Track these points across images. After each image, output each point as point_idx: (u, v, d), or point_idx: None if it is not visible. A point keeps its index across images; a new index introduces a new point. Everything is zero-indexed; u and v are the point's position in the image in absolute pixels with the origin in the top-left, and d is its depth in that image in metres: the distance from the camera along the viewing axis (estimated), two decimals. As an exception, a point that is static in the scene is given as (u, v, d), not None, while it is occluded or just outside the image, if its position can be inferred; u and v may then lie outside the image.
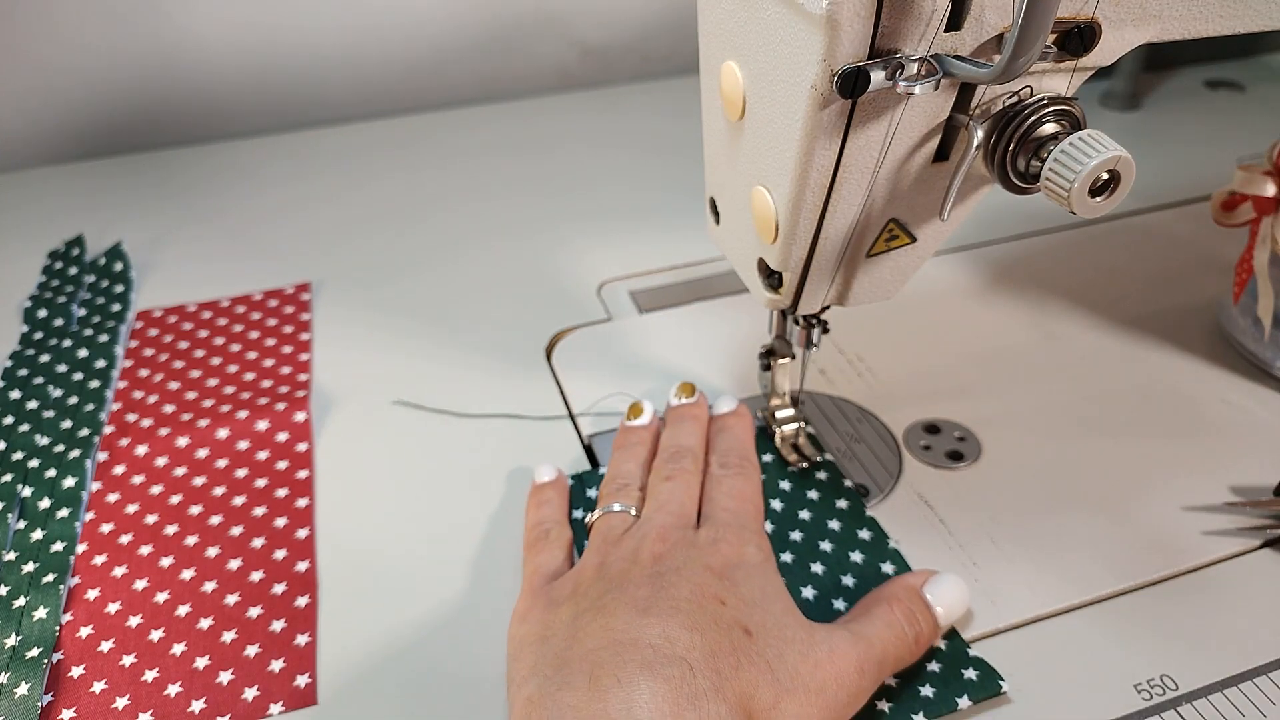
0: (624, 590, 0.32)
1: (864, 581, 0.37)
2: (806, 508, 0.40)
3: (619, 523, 0.36)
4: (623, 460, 0.40)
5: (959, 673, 0.33)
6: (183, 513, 0.41)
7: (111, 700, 0.34)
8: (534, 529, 0.38)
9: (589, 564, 0.34)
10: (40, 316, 0.53)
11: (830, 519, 0.39)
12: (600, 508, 0.37)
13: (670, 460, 0.39)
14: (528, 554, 0.37)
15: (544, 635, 0.32)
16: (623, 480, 0.38)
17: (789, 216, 0.31)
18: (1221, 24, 0.31)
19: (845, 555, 0.38)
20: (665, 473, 0.38)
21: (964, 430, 0.44)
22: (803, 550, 0.38)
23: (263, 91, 0.74)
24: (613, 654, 0.29)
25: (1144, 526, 0.39)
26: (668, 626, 0.30)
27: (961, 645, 0.34)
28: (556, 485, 0.40)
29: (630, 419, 0.42)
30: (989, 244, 0.57)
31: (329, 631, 0.36)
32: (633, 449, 0.40)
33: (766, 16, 0.29)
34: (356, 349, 0.51)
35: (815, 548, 0.38)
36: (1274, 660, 0.34)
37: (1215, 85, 0.77)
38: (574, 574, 0.34)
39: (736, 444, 0.40)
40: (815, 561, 0.38)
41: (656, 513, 0.36)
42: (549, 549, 0.37)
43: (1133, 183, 0.27)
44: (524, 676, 0.31)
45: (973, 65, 0.26)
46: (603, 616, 0.31)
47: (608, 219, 0.61)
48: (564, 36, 0.79)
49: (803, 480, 0.41)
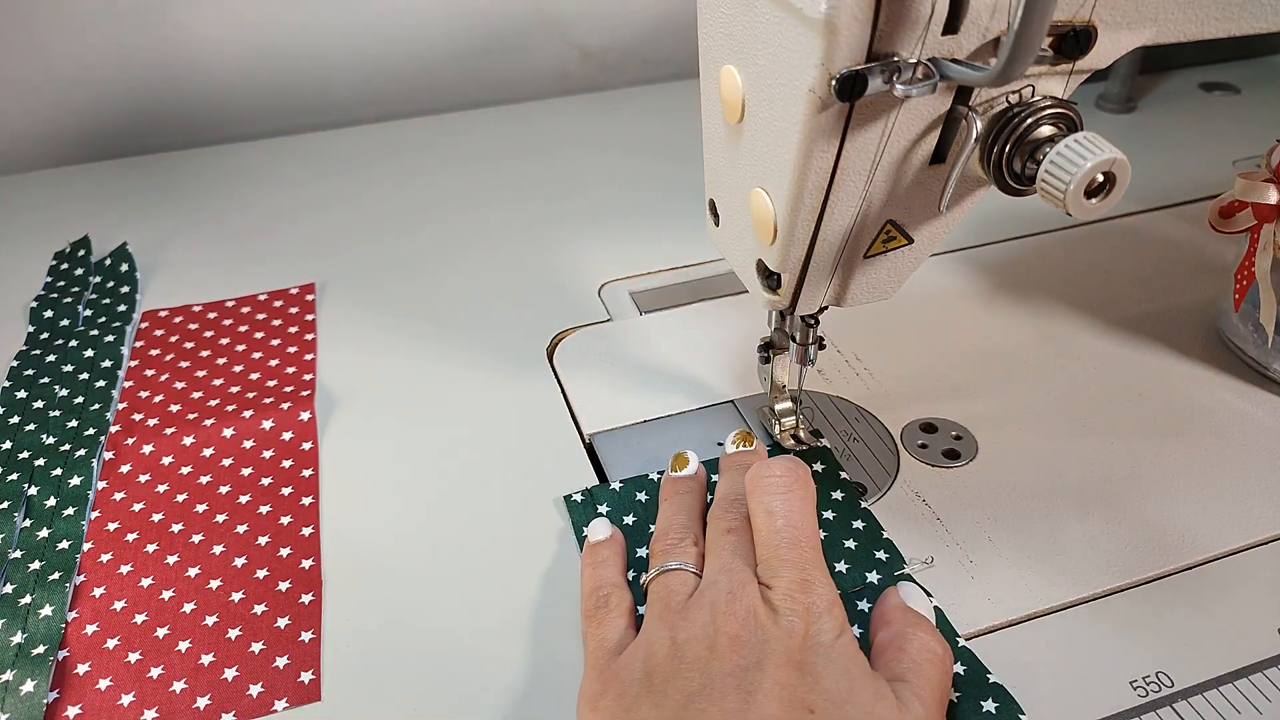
0: (710, 699, 0.29)
1: (855, 568, 0.37)
2: (843, 559, 0.39)
3: (679, 584, 0.34)
4: (673, 513, 0.38)
5: (978, 705, 0.33)
6: (188, 510, 0.41)
7: (117, 697, 0.34)
8: (592, 595, 0.36)
9: (658, 639, 0.32)
10: (46, 317, 0.53)
11: (825, 509, 0.40)
12: (655, 566, 0.35)
13: (728, 509, 0.36)
14: (589, 625, 0.35)
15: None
16: (676, 534, 0.36)
17: (787, 218, 0.32)
18: (1217, 26, 0.31)
19: (839, 543, 0.38)
20: (725, 523, 0.36)
21: (961, 429, 0.44)
22: None
23: (267, 95, 0.75)
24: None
25: (1139, 524, 0.40)
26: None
27: (982, 671, 0.34)
28: (612, 544, 0.38)
29: (675, 470, 0.40)
30: (985, 245, 0.58)
31: (333, 628, 0.37)
32: (680, 499, 0.38)
33: (765, 20, 0.29)
34: (360, 349, 0.51)
35: (852, 607, 0.37)
36: (1269, 657, 0.34)
37: (1210, 87, 0.77)
38: (643, 650, 0.32)
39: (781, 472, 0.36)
40: (853, 626, 0.37)
41: (720, 574, 0.33)
42: (611, 619, 0.34)
43: (1128, 185, 0.28)
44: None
45: (970, 68, 0.27)
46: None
47: (608, 220, 0.62)
48: (565, 40, 0.80)
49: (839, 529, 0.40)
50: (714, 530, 0.36)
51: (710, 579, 0.34)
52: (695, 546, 0.36)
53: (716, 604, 0.32)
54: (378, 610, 0.37)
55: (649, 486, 0.41)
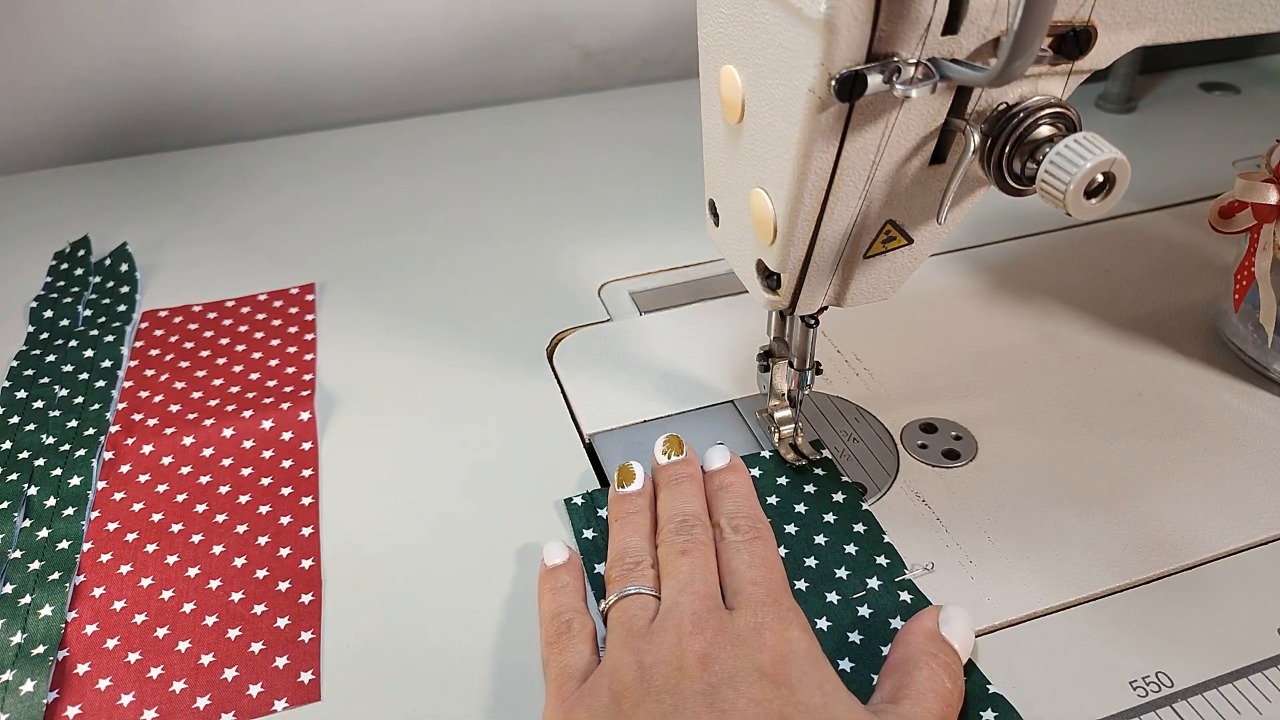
0: (680, 716, 0.29)
1: (856, 574, 0.37)
2: (803, 501, 0.40)
3: (640, 609, 0.34)
4: (625, 534, 0.37)
5: (978, 714, 0.33)
6: (188, 510, 0.41)
7: (117, 697, 0.34)
8: (553, 621, 0.35)
9: (624, 664, 0.31)
10: (46, 317, 0.53)
11: (826, 512, 0.40)
12: (614, 592, 0.35)
13: (679, 530, 0.36)
14: (549, 651, 0.34)
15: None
16: (632, 558, 0.36)
17: (787, 218, 0.32)
18: (1216, 26, 0.31)
19: (839, 548, 0.38)
20: (678, 546, 0.35)
21: (960, 429, 0.44)
22: (798, 544, 0.38)
23: (267, 95, 0.75)
24: None
25: (1139, 525, 0.40)
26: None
27: (981, 681, 0.34)
28: (570, 567, 0.37)
29: (622, 485, 0.39)
30: (985, 245, 0.58)
31: (333, 628, 0.37)
32: (631, 519, 0.38)
33: (765, 20, 0.29)
34: (360, 349, 0.51)
35: (810, 541, 0.39)
36: (1268, 658, 0.34)
37: (1210, 88, 0.77)
38: (607, 676, 0.31)
39: (743, 504, 0.38)
40: (809, 556, 0.38)
41: (681, 594, 0.33)
42: (573, 645, 0.34)
43: (1128, 185, 0.28)
44: None
45: (969, 69, 0.27)
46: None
47: (608, 220, 0.62)
48: (565, 40, 0.80)
49: (800, 475, 0.41)
50: (668, 551, 0.36)
51: (671, 601, 0.33)
52: (652, 569, 0.36)
53: (681, 625, 0.32)
54: (378, 610, 0.37)
55: None
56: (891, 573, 0.37)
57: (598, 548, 0.39)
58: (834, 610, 0.36)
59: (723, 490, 0.39)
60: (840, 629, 0.35)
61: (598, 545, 0.39)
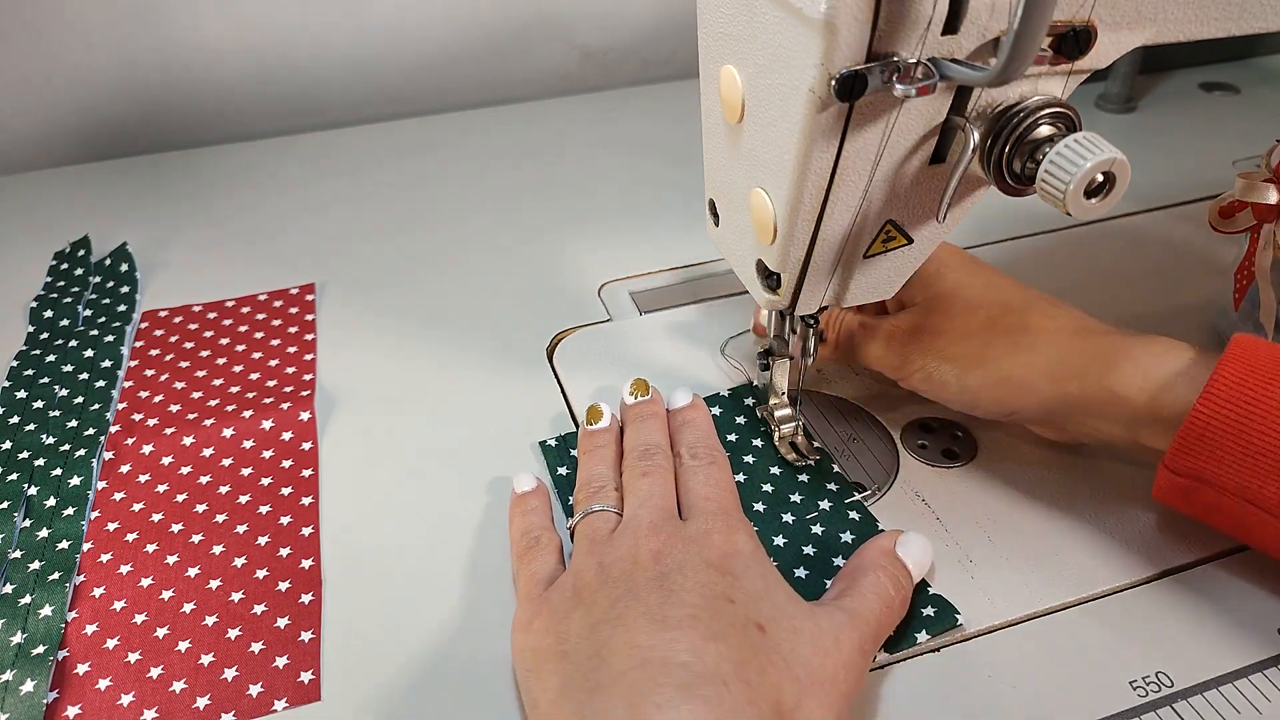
0: (635, 597, 0.31)
1: (809, 497, 0.40)
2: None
3: (603, 523, 0.36)
4: (592, 464, 0.40)
5: (918, 611, 0.36)
6: (188, 511, 0.41)
7: (117, 697, 0.34)
8: (522, 538, 0.38)
9: (586, 566, 0.34)
10: (46, 317, 0.53)
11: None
12: (579, 511, 0.37)
13: (642, 457, 0.39)
14: (520, 563, 0.37)
15: (562, 649, 0.31)
16: (597, 483, 0.38)
17: (787, 218, 0.32)
18: (1216, 26, 0.31)
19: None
20: (640, 469, 0.38)
21: (960, 429, 0.44)
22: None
23: (267, 95, 0.75)
24: (646, 676, 0.29)
25: (1139, 524, 0.40)
26: (692, 639, 0.29)
27: (921, 584, 0.36)
28: (538, 493, 0.40)
29: (590, 423, 0.42)
30: (984, 245, 0.58)
31: (332, 628, 0.37)
32: (599, 452, 0.40)
33: (765, 20, 0.29)
34: (360, 349, 0.51)
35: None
36: (1268, 657, 0.34)
37: (1210, 87, 0.77)
38: (571, 577, 0.34)
39: (702, 436, 0.40)
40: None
41: (640, 508, 0.36)
42: (541, 555, 0.37)
43: (1128, 185, 0.28)
44: (552, 700, 0.30)
45: (969, 69, 0.27)
46: (623, 630, 0.30)
47: (608, 220, 0.62)
48: (565, 41, 0.80)
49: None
50: (631, 475, 0.38)
51: (631, 514, 0.36)
52: (616, 492, 0.38)
53: (639, 531, 0.34)
54: (378, 610, 0.37)
55: None
56: (841, 496, 0.40)
57: (571, 483, 0.41)
58: (789, 529, 0.39)
59: (685, 425, 0.41)
60: (795, 544, 0.39)
61: (571, 480, 0.42)
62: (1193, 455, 0.33)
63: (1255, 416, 0.32)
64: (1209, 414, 0.33)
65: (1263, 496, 0.32)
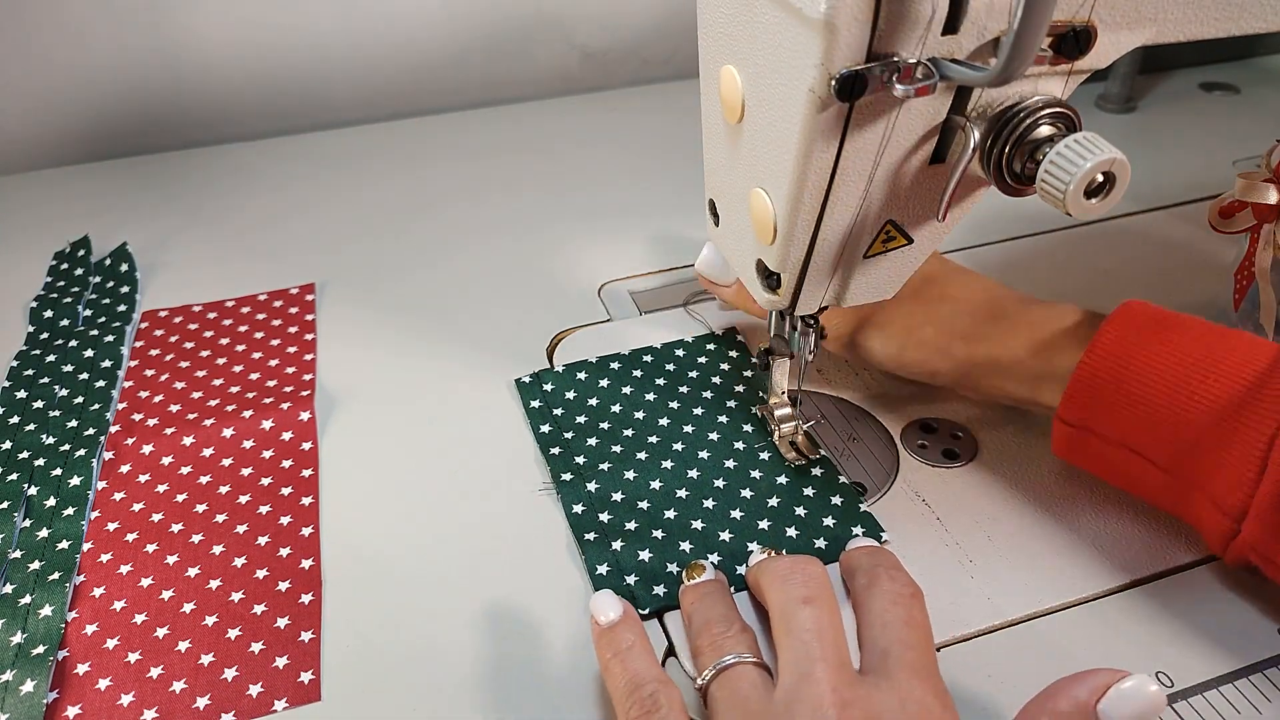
0: None
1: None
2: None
3: (749, 687, 0.29)
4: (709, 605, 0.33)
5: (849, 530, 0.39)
6: (188, 511, 0.41)
7: (117, 697, 0.34)
8: (632, 696, 0.29)
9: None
10: (46, 317, 0.53)
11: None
12: (711, 664, 0.30)
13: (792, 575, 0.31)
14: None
15: None
16: (722, 624, 0.31)
17: (787, 218, 0.32)
18: (1216, 26, 0.31)
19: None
20: (799, 592, 0.30)
21: (960, 429, 0.44)
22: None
23: (267, 95, 0.75)
24: None
25: (1139, 524, 0.40)
26: None
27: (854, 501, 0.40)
28: (629, 622, 0.32)
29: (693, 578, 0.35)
30: (985, 245, 0.58)
31: (333, 628, 0.37)
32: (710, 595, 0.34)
33: (765, 20, 0.29)
34: (360, 349, 0.51)
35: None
36: (1269, 657, 0.34)
37: (1210, 88, 0.77)
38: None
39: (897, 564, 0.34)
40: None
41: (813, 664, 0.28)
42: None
43: (1128, 185, 0.28)
44: None
45: (969, 69, 0.27)
46: None
47: (608, 221, 0.62)
48: (565, 41, 0.80)
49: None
50: (783, 599, 0.31)
51: (800, 671, 0.28)
52: (746, 633, 0.32)
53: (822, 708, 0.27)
54: (378, 610, 0.37)
55: (587, 366, 0.48)
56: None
57: (543, 415, 0.45)
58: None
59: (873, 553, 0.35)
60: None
61: (543, 413, 0.45)
62: (1080, 406, 0.35)
63: (1132, 368, 0.34)
64: (1094, 367, 0.35)
65: (1141, 444, 0.34)
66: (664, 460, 0.42)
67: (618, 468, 0.42)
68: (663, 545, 0.38)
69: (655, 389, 0.46)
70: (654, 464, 0.42)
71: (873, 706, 0.27)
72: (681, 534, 0.39)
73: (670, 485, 0.41)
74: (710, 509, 0.40)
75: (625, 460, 0.42)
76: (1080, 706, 0.27)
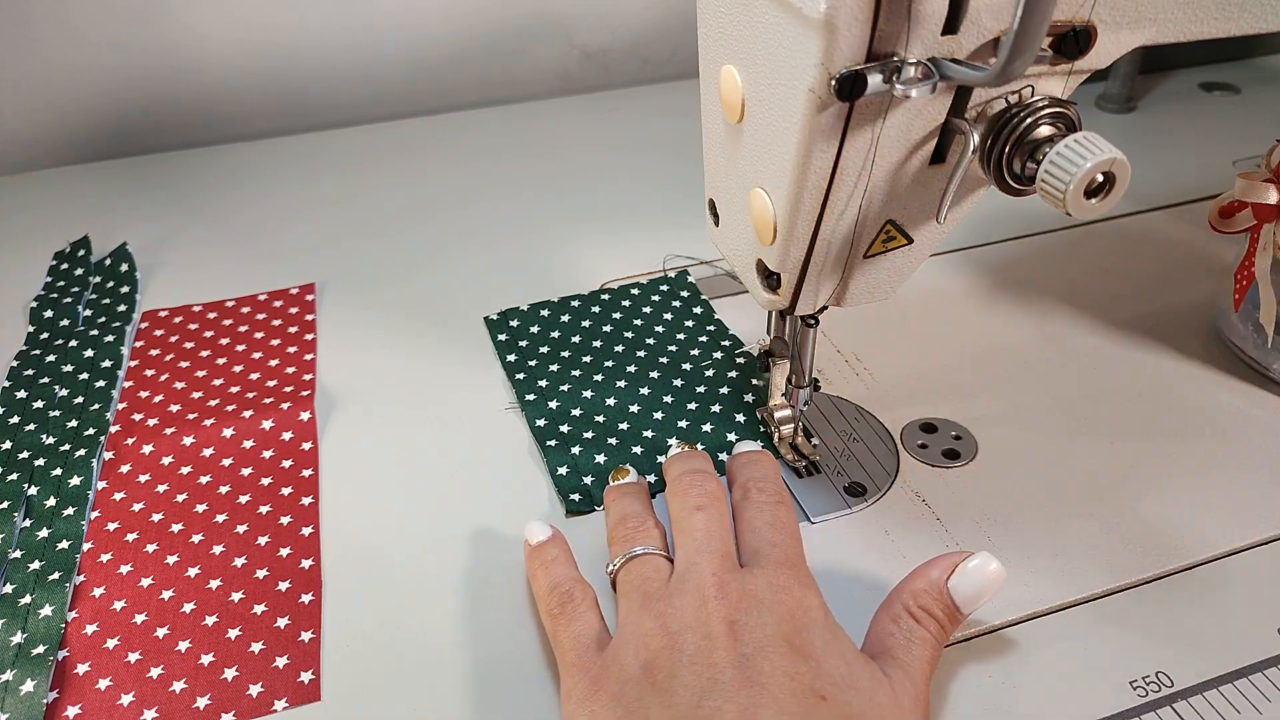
0: (720, 693, 0.28)
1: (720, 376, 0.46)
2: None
3: (652, 571, 0.33)
4: (624, 501, 0.37)
5: None
6: (188, 510, 0.41)
7: (117, 697, 0.34)
8: (552, 593, 0.34)
9: (648, 630, 0.30)
10: (46, 317, 0.53)
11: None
12: (619, 554, 0.34)
13: (694, 485, 0.35)
14: (555, 623, 0.33)
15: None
16: (635, 520, 0.35)
17: (787, 218, 0.32)
18: (1217, 26, 0.31)
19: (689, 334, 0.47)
20: (694, 500, 0.35)
21: (960, 429, 0.44)
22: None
23: (267, 95, 0.75)
24: None
25: (1139, 525, 0.40)
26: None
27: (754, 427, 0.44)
28: (556, 542, 0.37)
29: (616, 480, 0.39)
30: (985, 245, 0.58)
31: (333, 628, 0.37)
32: (628, 494, 0.38)
33: (765, 20, 0.29)
34: (360, 348, 0.51)
35: None
36: (1269, 658, 0.34)
37: (1210, 88, 0.77)
38: (633, 643, 0.30)
39: (770, 474, 0.37)
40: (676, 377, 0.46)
41: (699, 555, 0.32)
42: (579, 613, 0.33)
43: (1128, 185, 0.28)
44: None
45: (969, 68, 0.27)
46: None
47: (608, 220, 0.62)
48: (565, 40, 0.80)
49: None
50: (681, 508, 0.35)
51: (689, 560, 0.33)
52: (656, 529, 0.35)
53: (703, 588, 0.31)
54: (378, 610, 0.37)
55: (550, 305, 0.52)
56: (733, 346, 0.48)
57: (509, 346, 0.49)
58: None
59: (750, 463, 0.38)
60: None
61: (509, 345, 0.50)
62: None
63: None
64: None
65: None
66: (619, 380, 0.47)
67: (576, 388, 0.46)
68: (616, 450, 0.43)
69: (612, 322, 0.51)
70: (609, 384, 0.46)
71: (746, 587, 0.31)
72: (633, 440, 0.43)
73: (624, 402, 0.46)
74: (659, 420, 0.45)
75: (583, 382, 0.47)
76: (933, 584, 0.33)
